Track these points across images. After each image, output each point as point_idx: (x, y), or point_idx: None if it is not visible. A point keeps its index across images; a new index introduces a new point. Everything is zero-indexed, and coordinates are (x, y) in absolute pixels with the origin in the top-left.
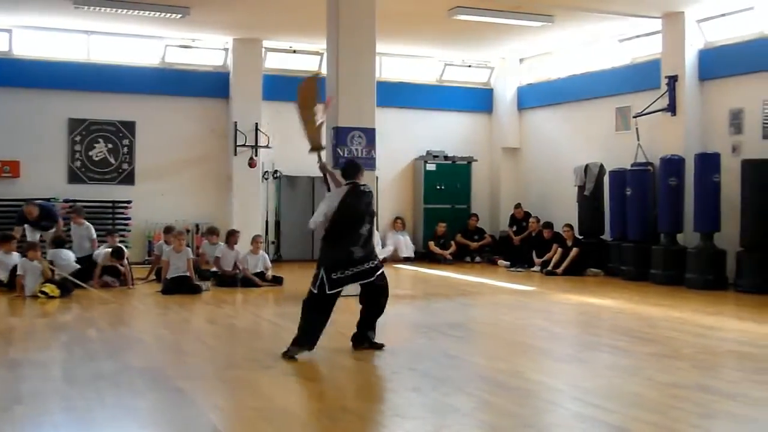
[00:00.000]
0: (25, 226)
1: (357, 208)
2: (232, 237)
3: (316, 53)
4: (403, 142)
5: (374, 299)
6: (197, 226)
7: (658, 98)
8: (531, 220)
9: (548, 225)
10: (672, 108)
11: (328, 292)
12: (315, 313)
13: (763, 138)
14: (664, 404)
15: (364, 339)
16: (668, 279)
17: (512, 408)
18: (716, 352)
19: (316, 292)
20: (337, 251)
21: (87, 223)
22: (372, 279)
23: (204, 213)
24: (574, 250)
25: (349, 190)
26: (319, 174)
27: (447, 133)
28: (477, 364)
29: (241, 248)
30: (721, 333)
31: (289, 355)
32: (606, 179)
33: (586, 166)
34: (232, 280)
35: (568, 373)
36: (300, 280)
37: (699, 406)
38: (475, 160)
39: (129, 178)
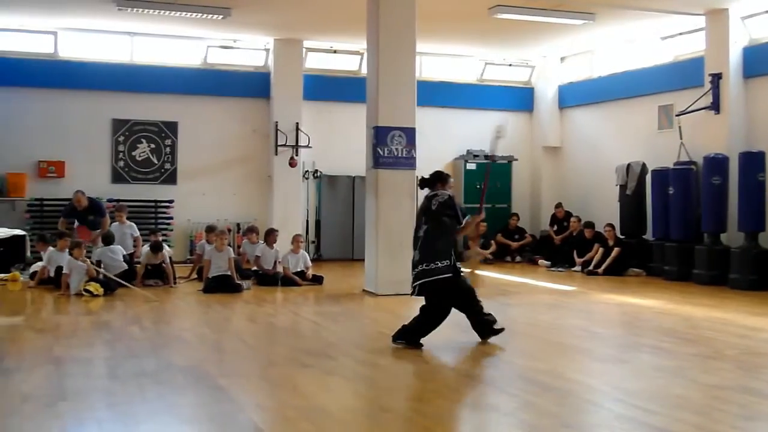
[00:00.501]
0: (74, 220)
1: (419, 213)
2: (270, 236)
3: (357, 53)
4: (443, 141)
5: (451, 301)
6: (238, 225)
7: (702, 96)
8: (572, 219)
9: (589, 224)
10: (716, 106)
11: (411, 295)
12: (420, 314)
13: None
14: (706, 405)
15: (485, 331)
16: (711, 279)
17: (552, 408)
18: (760, 353)
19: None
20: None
21: (129, 222)
22: (428, 279)
23: (245, 212)
24: (616, 250)
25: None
26: (360, 173)
27: (487, 132)
28: (517, 364)
29: (281, 247)
30: (765, 334)
31: (395, 341)
32: (648, 178)
33: (628, 165)
34: (273, 279)
35: (610, 374)
36: (340, 280)
37: (742, 408)
38: (516, 160)
39: (171, 178)
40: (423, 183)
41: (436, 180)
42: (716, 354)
